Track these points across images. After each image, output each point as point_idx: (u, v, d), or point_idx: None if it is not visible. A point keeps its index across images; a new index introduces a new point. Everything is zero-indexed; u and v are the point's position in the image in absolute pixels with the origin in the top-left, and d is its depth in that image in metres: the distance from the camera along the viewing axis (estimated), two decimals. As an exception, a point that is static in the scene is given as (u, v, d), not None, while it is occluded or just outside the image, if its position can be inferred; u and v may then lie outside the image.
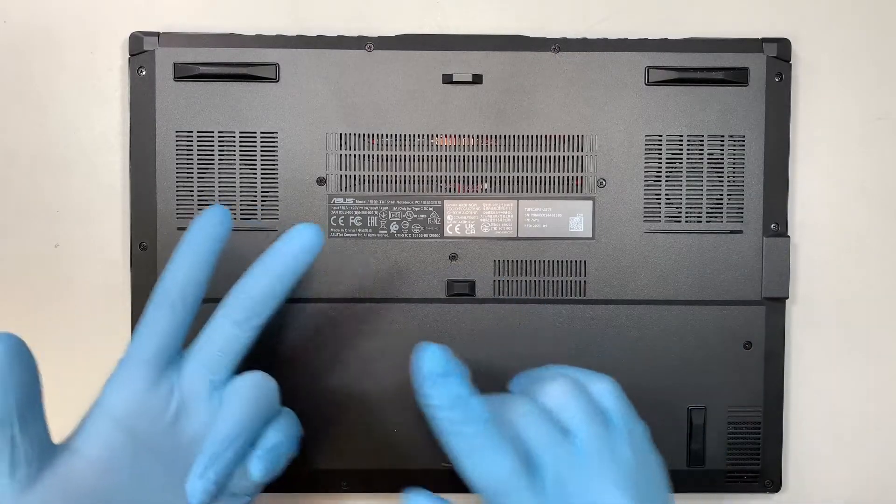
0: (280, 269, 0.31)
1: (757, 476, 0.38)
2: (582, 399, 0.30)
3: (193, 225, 0.31)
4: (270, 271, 0.31)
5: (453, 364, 0.29)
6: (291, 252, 0.31)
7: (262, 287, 0.31)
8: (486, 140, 0.37)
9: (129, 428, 0.29)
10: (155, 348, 0.30)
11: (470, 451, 0.29)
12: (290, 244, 0.31)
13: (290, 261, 0.31)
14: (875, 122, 0.39)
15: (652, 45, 0.37)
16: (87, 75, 0.38)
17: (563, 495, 0.29)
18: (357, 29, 0.37)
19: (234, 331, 0.31)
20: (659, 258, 0.37)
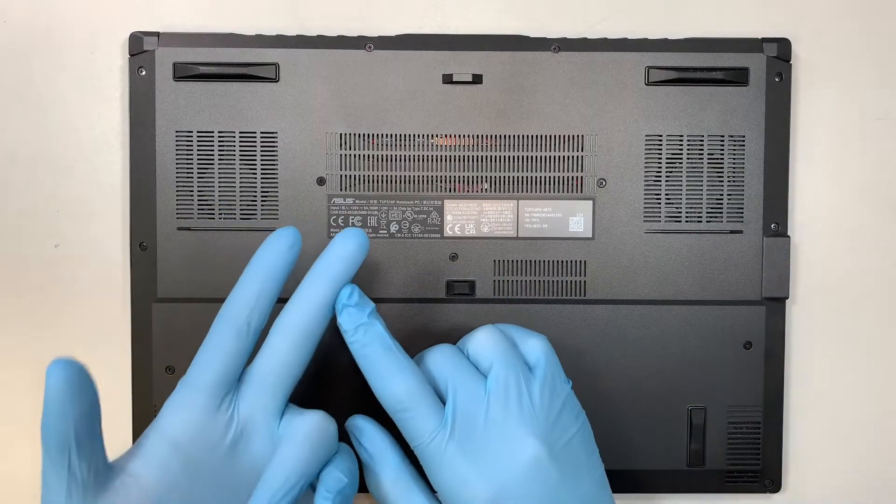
0: (329, 280, 0.31)
1: (757, 476, 0.38)
2: (501, 345, 0.32)
3: (263, 247, 0.31)
4: (320, 284, 0.31)
5: (362, 298, 0.31)
6: (339, 261, 0.31)
7: (314, 302, 0.31)
8: (486, 140, 0.37)
9: (187, 453, 0.29)
10: (217, 374, 0.30)
11: (373, 371, 0.31)
12: (338, 251, 0.31)
13: (339, 272, 0.31)
14: (875, 122, 0.39)
15: (652, 45, 0.37)
16: (87, 75, 0.38)
17: (466, 426, 0.30)
18: (357, 29, 0.37)
19: (291, 351, 0.31)
20: (659, 258, 0.37)
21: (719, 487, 0.38)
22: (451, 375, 0.32)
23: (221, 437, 0.30)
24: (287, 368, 0.31)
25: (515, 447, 0.30)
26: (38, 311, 0.38)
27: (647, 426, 0.37)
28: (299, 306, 0.31)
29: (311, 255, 0.37)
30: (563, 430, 0.31)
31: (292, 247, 0.31)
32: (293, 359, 0.31)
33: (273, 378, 0.31)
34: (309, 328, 0.31)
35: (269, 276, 0.31)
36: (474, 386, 0.31)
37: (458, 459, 0.30)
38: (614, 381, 0.37)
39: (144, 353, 0.37)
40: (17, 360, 0.38)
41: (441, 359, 0.32)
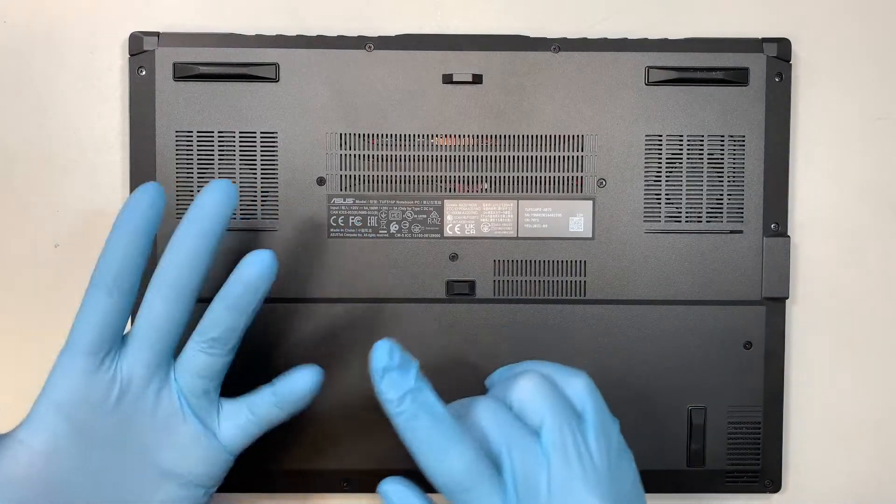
0: (197, 230, 0.30)
1: (757, 476, 0.38)
2: (550, 395, 0.30)
3: (125, 206, 0.31)
4: (188, 238, 0.30)
5: (404, 358, 0.29)
6: (205, 210, 0.31)
7: (182, 255, 0.30)
8: (486, 140, 0.37)
9: (73, 416, 0.30)
10: (91, 335, 0.30)
11: (424, 447, 0.29)
12: (204, 200, 0.31)
13: (206, 220, 0.30)
14: (875, 122, 0.39)
15: (652, 45, 0.37)
16: (87, 75, 0.38)
17: (529, 495, 0.28)
18: (357, 29, 0.37)
19: (163, 304, 0.30)
20: (659, 258, 0.37)
21: (719, 487, 0.38)
22: (505, 438, 0.29)
23: (105, 396, 0.30)
24: (164, 324, 0.30)
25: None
26: (38, 311, 0.38)
27: (647, 426, 0.37)
28: (170, 263, 0.30)
29: (312, 255, 0.37)
30: (623, 479, 0.30)
31: (153, 205, 0.30)
32: (169, 314, 0.30)
33: (152, 333, 0.30)
34: (181, 283, 0.30)
35: (133, 236, 0.30)
36: (530, 447, 0.29)
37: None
38: (614, 382, 0.37)
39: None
40: (17, 361, 0.38)
41: (489, 418, 0.30)
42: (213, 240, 0.31)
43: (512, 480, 0.28)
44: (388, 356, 0.29)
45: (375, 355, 0.29)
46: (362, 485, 0.37)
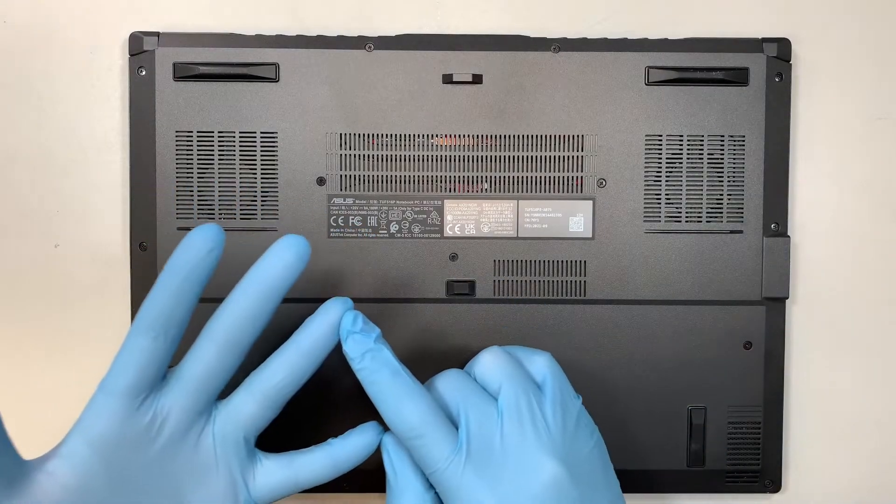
0: (264, 290, 0.30)
1: (757, 476, 0.38)
2: (508, 365, 0.32)
3: (182, 249, 0.29)
4: (251, 295, 0.30)
5: (367, 324, 0.32)
6: (275, 271, 0.30)
7: (241, 310, 0.30)
8: (486, 140, 0.37)
9: (107, 455, 0.29)
10: (131, 379, 0.29)
11: (384, 398, 0.31)
12: (274, 261, 0.30)
13: (275, 281, 0.30)
14: (875, 122, 0.39)
15: (652, 45, 0.37)
16: (87, 75, 0.38)
17: (482, 448, 0.30)
18: (357, 29, 0.37)
19: (215, 354, 0.30)
20: (659, 258, 0.37)
21: (719, 487, 0.38)
22: (462, 399, 0.31)
23: (141, 437, 0.30)
24: (214, 374, 0.30)
25: (534, 469, 0.30)
26: (38, 311, 0.38)
27: (647, 426, 0.37)
28: (229, 315, 0.30)
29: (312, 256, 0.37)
30: (580, 447, 0.31)
31: (212, 251, 0.29)
32: (218, 366, 0.30)
33: (199, 382, 0.30)
34: (236, 338, 0.30)
35: (185, 282, 0.29)
36: (486, 409, 0.31)
37: (475, 484, 0.30)
38: (614, 382, 0.37)
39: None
40: (17, 360, 0.38)
41: (450, 383, 0.32)
42: (278, 300, 0.31)
43: (465, 433, 0.30)
44: (352, 322, 0.31)
45: (343, 322, 0.31)
46: (362, 485, 0.37)
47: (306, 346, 0.31)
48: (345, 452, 0.32)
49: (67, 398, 0.38)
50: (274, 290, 0.30)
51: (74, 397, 0.38)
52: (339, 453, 0.32)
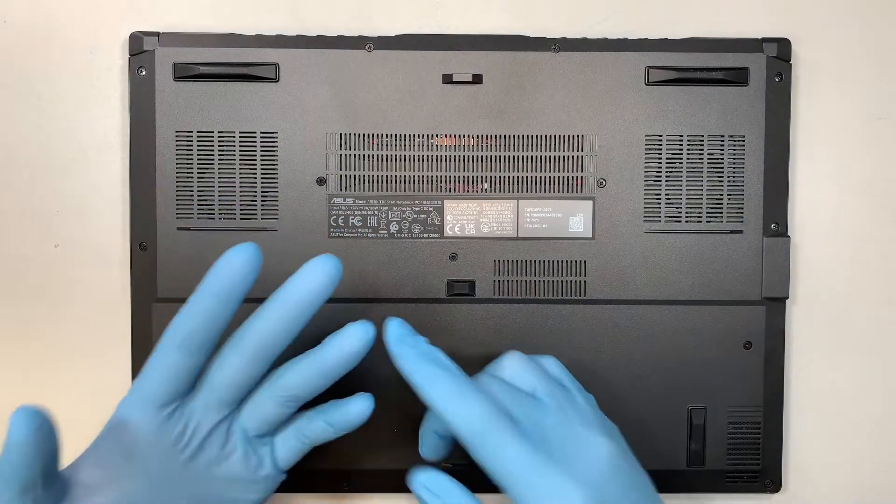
0: (295, 308, 0.31)
1: (757, 476, 0.38)
2: (535, 367, 0.33)
3: (219, 267, 0.30)
4: (282, 312, 0.31)
5: (413, 330, 0.32)
6: (307, 291, 0.31)
7: (272, 326, 0.31)
8: (486, 140, 0.37)
9: (140, 463, 0.30)
10: (163, 390, 0.30)
11: (448, 398, 0.30)
12: (307, 281, 0.31)
13: (305, 301, 0.31)
14: (875, 122, 0.39)
15: (652, 45, 0.37)
16: (87, 75, 0.38)
17: (544, 440, 0.30)
18: (357, 29, 0.37)
19: (244, 366, 0.31)
20: (659, 258, 0.37)
21: (719, 487, 0.38)
22: (511, 397, 0.31)
23: (172, 446, 0.30)
24: (239, 386, 0.31)
25: (591, 447, 0.31)
26: (38, 311, 0.38)
27: (647, 426, 0.37)
28: (258, 330, 0.31)
29: (312, 255, 0.37)
30: (611, 426, 0.33)
31: (248, 273, 0.30)
32: (246, 377, 0.31)
33: (224, 394, 0.31)
34: (265, 352, 0.31)
35: (220, 301, 0.30)
36: (532, 402, 0.32)
37: (552, 472, 0.29)
38: (614, 382, 0.37)
39: (144, 353, 0.37)
40: (17, 361, 0.38)
41: (491, 384, 0.32)
42: (307, 318, 0.31)
43: (529, 426, 0.31)
44: (401, 326, 0.32)
45: (390, 327, 0.32)
46: (362, 485, 0.37)
47: (328, 366, 0.32)
48: (342, 418, 0.33)
49: (67, 398, 0.38)
50: (304, 309, 0.31)
51: (74, 397, 0.38)
52: (336, 419, 0.33)
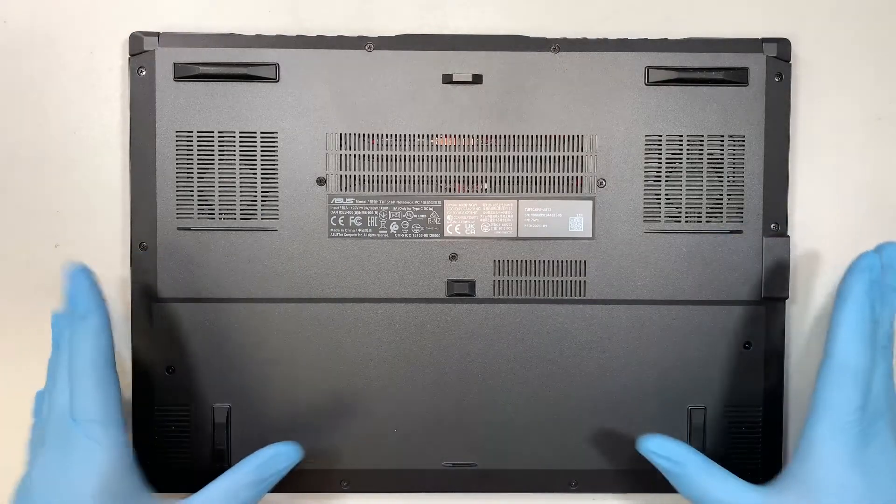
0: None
1: (757, 476, 0.38)
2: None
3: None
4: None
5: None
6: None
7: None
8: (486, 140, 0.37)
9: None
10: None
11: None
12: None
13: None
14: (875, 122, 0.39)
15: (652, 45, 0.37)
16: (87, 75, 0.38)
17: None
18: (357, 29, 0.37)
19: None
20: (659, 258, 0.37)
21: (719, 487, 0.38)
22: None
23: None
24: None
25: None
26: (38, 311, 0.38)
27: (647, 426, 0.37)
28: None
29: (312, 255, 0.37)
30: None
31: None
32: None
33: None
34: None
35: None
36: None
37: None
38: (614, 381, 0.37)
39: (144, 353, 0.37)
40: (17, 360, 0.38)
41: None
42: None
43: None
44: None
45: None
46: (362, 485, 0.37)
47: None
48: (270, 471, 0.35)
49: (67, 398, 0.38)
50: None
51: (74, 397, 0.38)
52: (265, 473, 0.35)
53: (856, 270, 0.33)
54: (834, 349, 0.33)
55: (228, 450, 0.37)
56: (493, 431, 0.37)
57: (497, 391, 0.37)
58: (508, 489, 0.38)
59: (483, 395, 0.37)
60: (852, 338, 0.32)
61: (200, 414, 0.37)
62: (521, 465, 0.37)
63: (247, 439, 0.37)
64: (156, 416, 0.37)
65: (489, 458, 0.37)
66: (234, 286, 0.37)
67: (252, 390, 0.37)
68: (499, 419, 0.37)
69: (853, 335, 0.33)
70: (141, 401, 0.37)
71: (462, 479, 0.37)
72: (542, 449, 0.37)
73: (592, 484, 0.38)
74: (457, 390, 0.37)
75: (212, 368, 0.37)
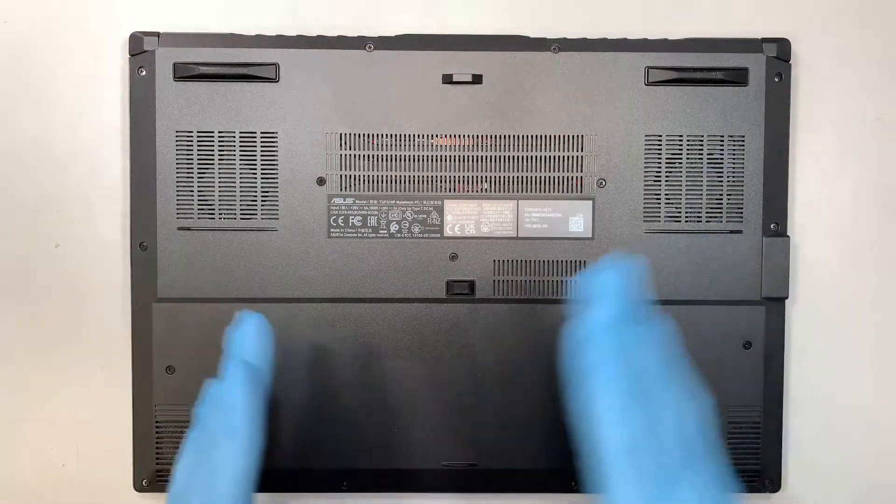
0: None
1: (757, 475, 0.38)
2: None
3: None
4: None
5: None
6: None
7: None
8: (486, 140, 0.37)
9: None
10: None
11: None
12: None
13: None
14: (875, 122, 0.39)
15: (652, 45, 0.37)
16: (87, 75, 0.38)
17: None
18: (357, 29, 0.37)
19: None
20: (659, 258, 0.37)
21: (719, 487, 0.38)
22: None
23: None
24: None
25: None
26: (38, 311, 0.38)
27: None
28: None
29: (312, 256, 0.37)
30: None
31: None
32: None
33: None
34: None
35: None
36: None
37: None
38: (614, 381, 0.37)
39: (144, 353, 0.37)
40: (18, 360, 0.38)
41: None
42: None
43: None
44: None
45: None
46: (362, 485, 0.37)
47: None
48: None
49: (67, 397, 0.38)
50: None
51: (74, 396, 0.38)
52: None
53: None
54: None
55: (228, 450, 0.37)
56: (493, 431, 0.37)
57: (497, 391, 0.37)
58: (508, 489, 0.38)
59: (483, 395, 0.37)
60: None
61: (200, 414, 0.37)
62: (521, 465, 0.37)
63: (247, 439, 0.37)
64: (156, 416, 0.37)
65: (489, 458, 0.37)
66: (234, 286, 0.37)
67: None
68: (499, 419, 0.37)
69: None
70: (141, 401, 0.37)
71: (462, 479, 0.37)
72: (542, 449, 0.37)
73: (592, 484, 0.38)
74: (457, 390, 0.37)
75: (212, 368, 0.37)
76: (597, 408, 0.28)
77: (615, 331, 0.29)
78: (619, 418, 0.27)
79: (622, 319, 0.29)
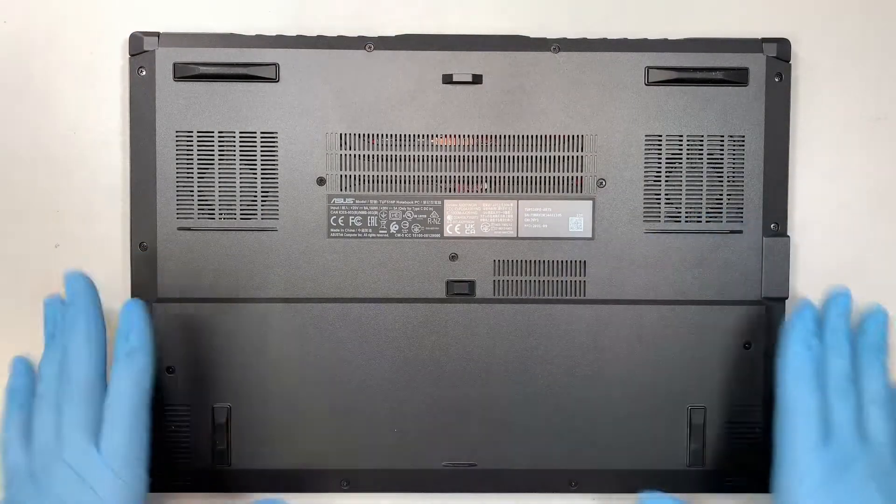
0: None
1: (757, 476, 0.38)
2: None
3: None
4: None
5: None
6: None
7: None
8: (486, 140, 0.37)
9: None
10: None
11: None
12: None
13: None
14: (875, 122, 0.39)
15: (652, 45, 0.37)
16: (87, 75, 0.38)
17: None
18: (357, 29, 0.37)
19: None
20: (659, 258, 0.37)
21: (719, 487, 0.38)
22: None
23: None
24: None
25: None
26: (38, 312, 0.38)
27: (647, 426, 0.37)
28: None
29: (312, 256, 0.37)
30: None
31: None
32: None
33: None
34: None
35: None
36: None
37: None
38: (614, 381, 0.37)
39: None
40: (17, 360, 0.38)
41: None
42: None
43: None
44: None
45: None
46: (362, 485, 0.37)
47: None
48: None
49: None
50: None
51: (74, 397, 0.38)
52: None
53: (794, 318, 0.34)
54: (781, 393, 0.34)
55: (228, 450, 0.37)
56: (493, 431, 0.37)
57: (497, 391, 0.37)
58: (508, 489, 0.38)
59: (483, 395, 0.37)
60: (794, 381, 0.33)
61: (200, 414, 0.37)
62: (520, 465, 0.37)
63: (247, 439, 0.37)
64: (155, 416, 0.37)
65: (489, 458, 0.37)
66: (234, 286, 0.37)
67: (252, 390, 0.37)
68: (499, 419, 0.37)
69: (795, 378, 0.33)
70: (141, 401, 0.37)
71: (462, 479, 0.37)
72: (542, 449, 0.37)
73: (592, 484, 0.38)
74: (457, 390, 0.37)
75: (212, 368, 0.37)
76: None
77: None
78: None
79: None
